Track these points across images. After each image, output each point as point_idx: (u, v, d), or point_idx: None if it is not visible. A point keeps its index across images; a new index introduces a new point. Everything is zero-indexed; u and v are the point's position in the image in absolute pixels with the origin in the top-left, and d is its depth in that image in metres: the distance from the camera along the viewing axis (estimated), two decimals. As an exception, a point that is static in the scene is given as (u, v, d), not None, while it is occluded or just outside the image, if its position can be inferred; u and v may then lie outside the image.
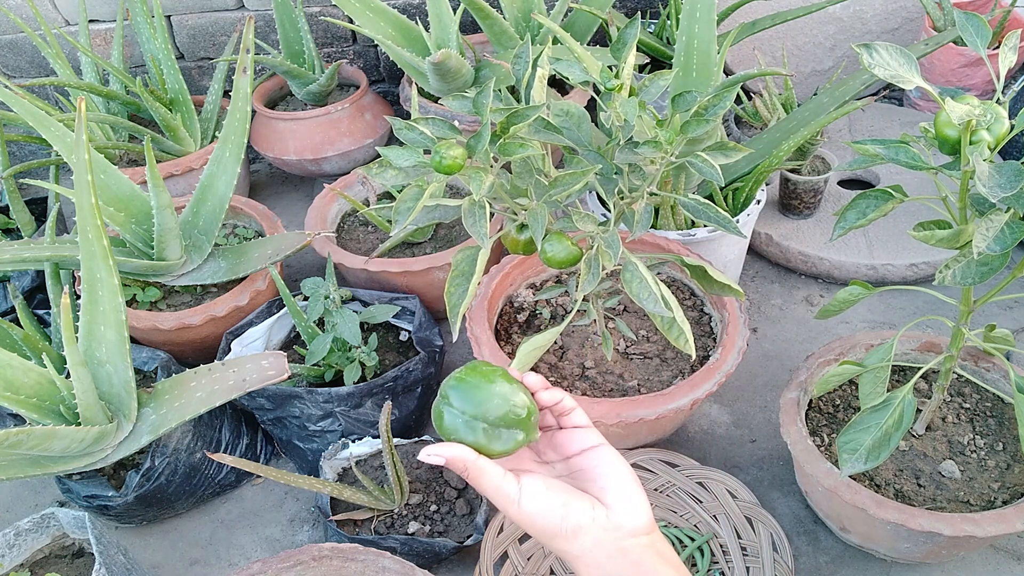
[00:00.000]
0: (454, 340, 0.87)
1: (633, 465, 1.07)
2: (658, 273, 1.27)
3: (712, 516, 1.01)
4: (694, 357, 0.99)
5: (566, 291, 1.04)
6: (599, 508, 0.51)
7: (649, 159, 0.80)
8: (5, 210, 1.60)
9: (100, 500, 1.07)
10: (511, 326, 1.20)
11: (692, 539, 1.01)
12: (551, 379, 1.10)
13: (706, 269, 0.96)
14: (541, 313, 1.21)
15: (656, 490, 1.06)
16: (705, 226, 1.28)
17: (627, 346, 1.16)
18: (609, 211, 1.24)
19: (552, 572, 1.04)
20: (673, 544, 1.02)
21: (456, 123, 1.47)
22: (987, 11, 1.80)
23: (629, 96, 0.81)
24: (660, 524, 1.04)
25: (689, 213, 0.85)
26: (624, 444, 1.10)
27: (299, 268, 1.68)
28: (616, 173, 0.84)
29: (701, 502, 1.03)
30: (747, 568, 0.97)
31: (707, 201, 0.85)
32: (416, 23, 1.64)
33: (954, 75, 1.77)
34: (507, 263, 1.22)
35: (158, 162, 1.65)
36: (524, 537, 1.05)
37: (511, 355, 1.10)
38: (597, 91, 0.90)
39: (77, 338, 1.01)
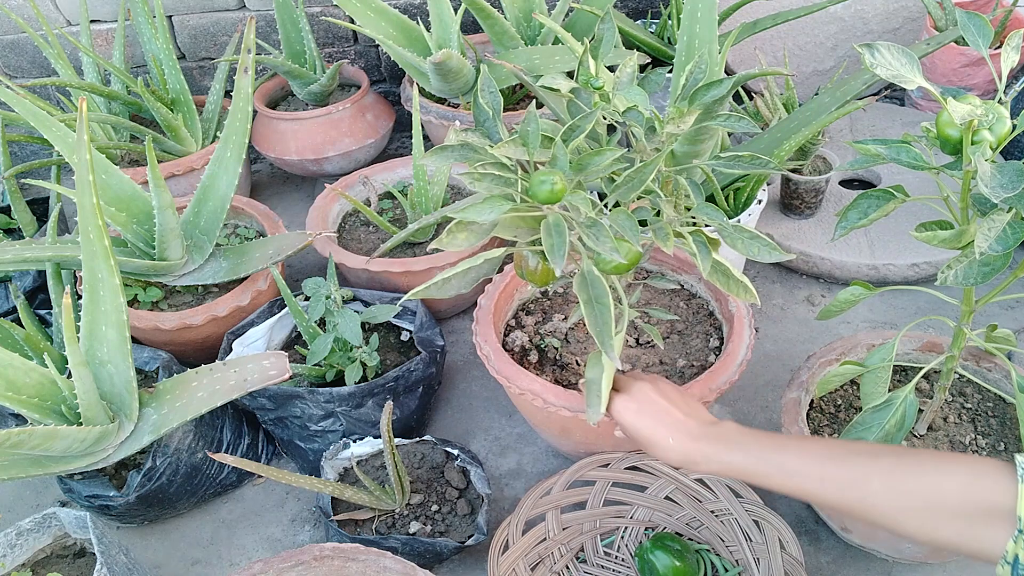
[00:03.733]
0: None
1: (698, 480, 1.05)
2: (663, 276, 1.27)
3: (755, 559, 0.99)
4: (759, 303, 0.96)
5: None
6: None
7: (670, 137, 0.79)
8: (7, 210, 1.60)
9: (102, 500, 1.07)
10: (523, 361, 1.17)
11: (727, 570, 1.00)
12: None
13: (729, 269, 0.94)
14: (548, 345, 1.16)
15: (713, 512, 1.04)
16: (706, 226, 1.28)
17: (639, 335, 1.16)
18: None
19: (582, 550, 1.03)
20: (705, 571, 1.01)
21: (458, 123, 1.47)
22: (989, 11, 1.80)
23: (603, 98, 0.82)
24: (704, 547, 1.03)
25: (725, 168, 0.84)
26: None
27: (300, 268, 1.68)
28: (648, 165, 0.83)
29: (751, 541, 1.00)
30: None
31: (739, 153, 0.84)
32: (417, 23, 1.64)
33: (956, 75, 1.77)
34: (498, 286, 1.20)
35: (159, 162, 1.65)
36: (569, 507, 1.05)
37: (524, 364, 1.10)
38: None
39: (79, 338, 1.01)
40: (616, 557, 1.04)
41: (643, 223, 0.81)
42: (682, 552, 0.98)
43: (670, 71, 1.53)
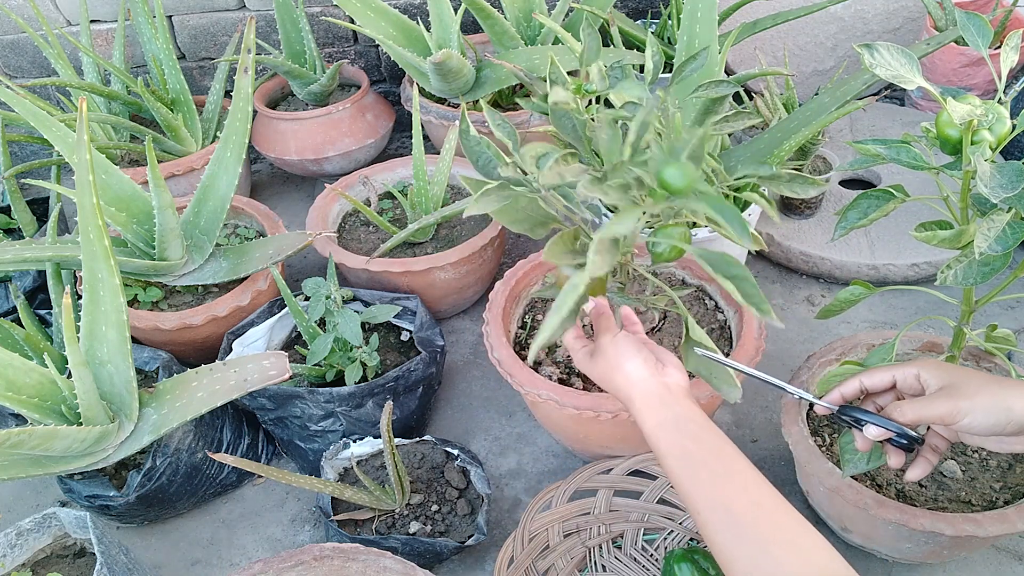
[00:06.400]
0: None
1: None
2: (670, 276, 1.27)
3: None
4: (763, 248, 0.96)
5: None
6: (658, 363, 0.75)
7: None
8: (7, 210, 1.60)
9: (102, 500, 1.07)
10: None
11: None
12: None
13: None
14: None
15: None
16: (705, 226, 1.28)
17: (660, 322, 1.17)
18: (610, 210, 1.23)
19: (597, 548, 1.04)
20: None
21: (458, 124, 1.44)
22: (988, 11, 1.80)
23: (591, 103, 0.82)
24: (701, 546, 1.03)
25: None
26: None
27: (300, 268, 1.68)
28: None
29: None
30: None
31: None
32: (417, 23, 1.64)
33: (956, 75, 1.77)
34: (512, 276, 1.21)
35: (159, 162, 1.65)
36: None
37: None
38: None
39: (79, 338, 1.01)
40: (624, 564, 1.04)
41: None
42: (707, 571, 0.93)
43: (670, 71, 1.53)
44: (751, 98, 1.63)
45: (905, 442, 0.72)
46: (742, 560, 0.60)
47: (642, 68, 1.70)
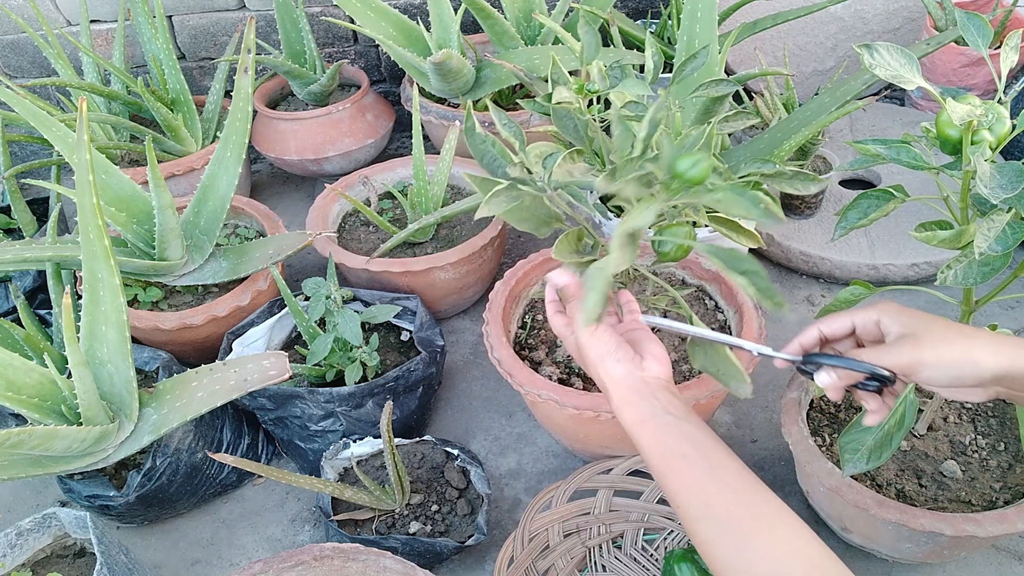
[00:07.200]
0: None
1: None
2: (670, 276, 1.27)
3: None
4: (761, 245, 0.95)
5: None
6: (636, 357, 0.73)
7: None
8: (7, 210, 1.60)
9: (101, 500, 1.07)
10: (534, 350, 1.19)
11: None
12: None
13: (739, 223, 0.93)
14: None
15: None
16: (706, 226, 1.28)
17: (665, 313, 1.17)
18: (609, 209, 1.23)
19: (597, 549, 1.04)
20: None
21: (457, 123, 1.46)
22: (988, 11, 1.80)
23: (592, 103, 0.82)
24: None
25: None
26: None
27: (300, 268, 1.68)
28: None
29: None
30: None
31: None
32: (417, 23, 1.64)
33: (956, 75, 1.77)
34: (505, 287, 1.21)
35: (159, 162, 1.65)
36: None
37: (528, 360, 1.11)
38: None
39: (79, 338, 1.01)
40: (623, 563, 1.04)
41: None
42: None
43: (670, 71, 1.53)
44: (751, 98, 1.63)
45: (876, 384, 0.69)
46: (721, 549, 0.60)
47: (642, 68, 1.70)
